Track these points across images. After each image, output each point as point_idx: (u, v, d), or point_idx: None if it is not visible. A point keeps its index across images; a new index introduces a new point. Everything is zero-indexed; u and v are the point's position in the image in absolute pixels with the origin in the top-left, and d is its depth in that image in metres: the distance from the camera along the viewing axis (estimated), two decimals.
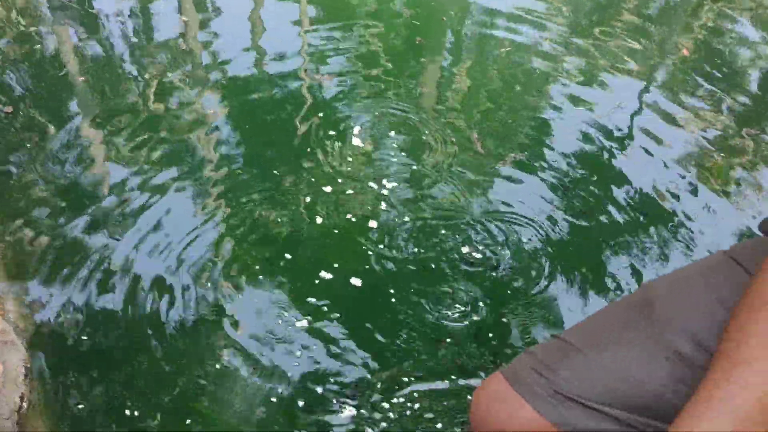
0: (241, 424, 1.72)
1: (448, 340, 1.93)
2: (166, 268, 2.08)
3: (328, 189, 2.37)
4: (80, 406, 1.71)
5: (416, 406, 1.77)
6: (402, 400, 1.78)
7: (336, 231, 2.22)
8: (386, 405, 1.77)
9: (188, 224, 2.23)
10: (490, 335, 1.94)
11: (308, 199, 2.33)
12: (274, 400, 1.77)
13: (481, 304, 2.03)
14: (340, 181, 2.41)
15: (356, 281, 2.07)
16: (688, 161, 2.63)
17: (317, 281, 2.07)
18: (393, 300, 2.03)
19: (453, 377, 1.83)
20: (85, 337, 1.88)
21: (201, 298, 2.00)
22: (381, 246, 2.18)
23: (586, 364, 0.96)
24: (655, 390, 0.92)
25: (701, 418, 0.77)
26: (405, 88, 2.94)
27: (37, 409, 1.66)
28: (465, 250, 2.19)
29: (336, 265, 2.11)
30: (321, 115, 2.75)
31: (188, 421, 1.71)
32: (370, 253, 2.16)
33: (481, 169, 2.51)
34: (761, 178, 2.57)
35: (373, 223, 2.26)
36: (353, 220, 2.26)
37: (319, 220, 2.26)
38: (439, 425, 1.73)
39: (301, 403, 1.77)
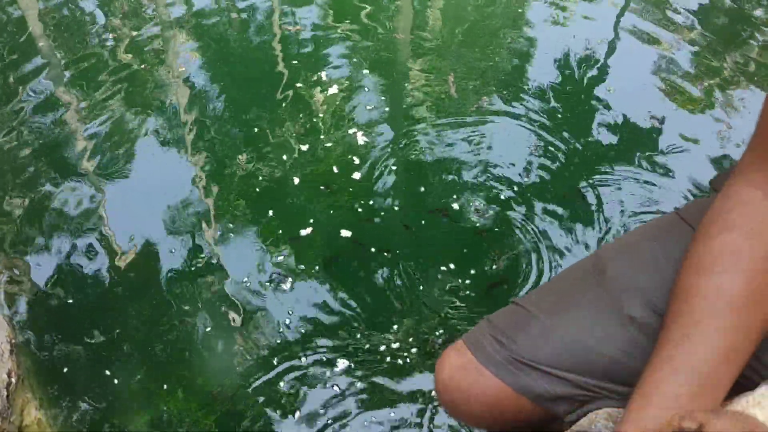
0: (229, 381, 1.75)
1: (434, 290, 1.93)
2: (144, 231, 2.10)
3: (305, 147, 2.34)
4: (65, 371, 1.77)
5: (405, 355, 1.78)
6: (390, 350, 1.80)
7: (321, 187, 2.20)
8: (376, 357, 1.78)
9: (165, 186, 2.24)
10: (466, 285, 1.94)
11: (285, 156, 2.30)
12: (262, 356, 1.80)
13: (467, 255, 2.02)
14: (322, 136, 2.37)
15: (346, 233, 2.07)
16: (671, 89, 2.57)
17: (300, 237, 2.06)
18: (381, 253, 2.03)
19: (441, 329, 1.84)
20: (70, 300, 1.93)
21: (183, 259, 2.02)
22: (368, 200, 2.16)
23: (542, 331, 0.96)
24: (609, 354, 0.92)
25: (665, 378, 0.77)
26: (380, 32, 2.87)
27: (26, 383, 1.70)
28: (452, 203, 2.17)
29: (320, 221, 2.10)
30: (295, 62, 2.70)
31: (165, 386, 1.75)
32: (357, 208, 2.15)
33: (460, 112, 2.46)
34: (748, 102, 2.53)
35: (356, 175, 2.23)
36: (335, 171, 2.24)
37: (299, 175, 2.24)
38: (428, 377, 1.75)
39: (291, 359, 1.79)
